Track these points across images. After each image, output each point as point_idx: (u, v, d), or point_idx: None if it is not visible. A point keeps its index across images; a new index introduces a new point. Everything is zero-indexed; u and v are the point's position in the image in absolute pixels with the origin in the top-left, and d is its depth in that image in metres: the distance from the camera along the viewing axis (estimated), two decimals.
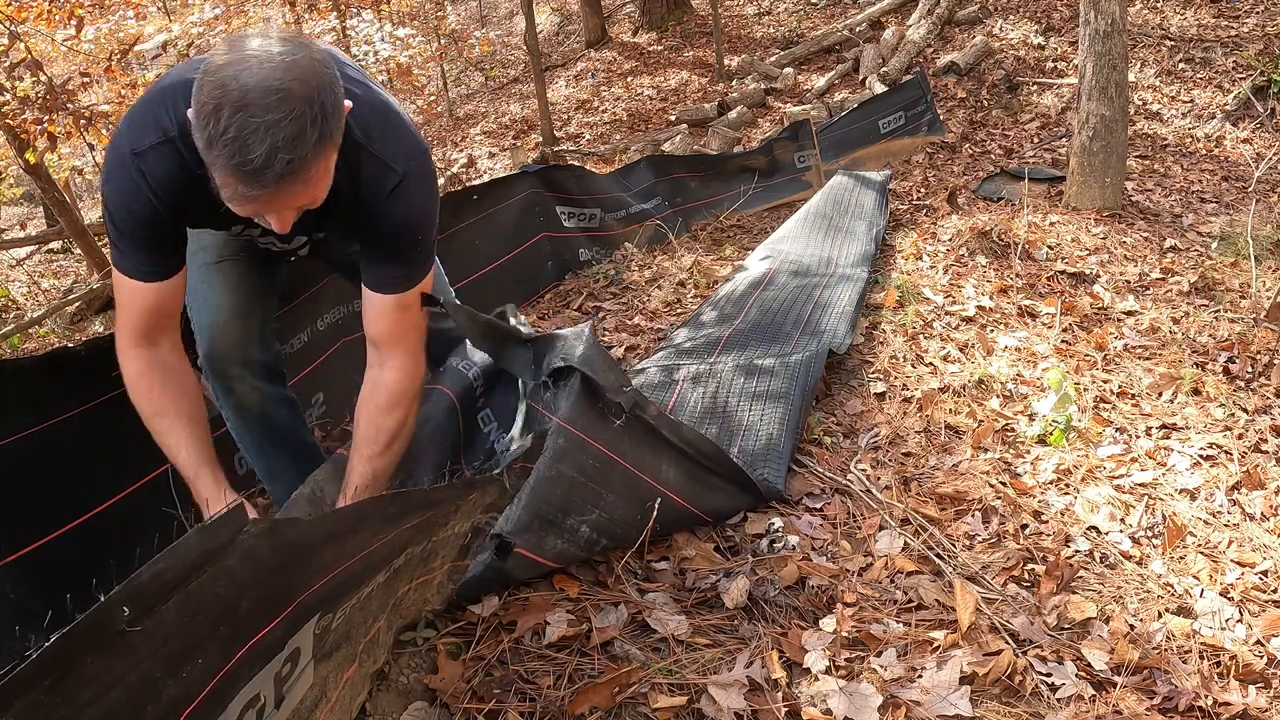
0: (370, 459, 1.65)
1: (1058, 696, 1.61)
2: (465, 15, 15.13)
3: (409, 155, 1.50)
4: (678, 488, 1.94)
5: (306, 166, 1.21)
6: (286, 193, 1.23)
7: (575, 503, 1.68)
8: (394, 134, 1.49)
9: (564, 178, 4.54)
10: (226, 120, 1.15)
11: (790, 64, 9.45)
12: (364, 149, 1.45)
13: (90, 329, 5.99)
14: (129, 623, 0.62)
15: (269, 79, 1.16)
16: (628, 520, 1.83)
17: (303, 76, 1.19)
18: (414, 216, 1.54)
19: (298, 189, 1.24)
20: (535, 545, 1.65)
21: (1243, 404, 2.77)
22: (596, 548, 1.79)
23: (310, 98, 1.18)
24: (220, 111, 1.15)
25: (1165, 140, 6.64)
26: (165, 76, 1.47)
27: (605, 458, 1.73)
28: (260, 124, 1.15)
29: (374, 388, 1.65)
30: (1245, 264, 3.89)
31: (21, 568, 1.80)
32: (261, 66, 1.17)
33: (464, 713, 1.47)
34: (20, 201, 12.17)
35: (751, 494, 2.16)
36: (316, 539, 0.91)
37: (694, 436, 1.97)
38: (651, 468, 1.86)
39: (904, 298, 3.48)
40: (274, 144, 1.16)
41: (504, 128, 10.24)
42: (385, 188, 1.48)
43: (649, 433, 1.84)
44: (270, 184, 1.19)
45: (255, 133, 1.15)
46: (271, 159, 1.16)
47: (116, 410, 2.05)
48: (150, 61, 8.65)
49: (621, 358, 3.27)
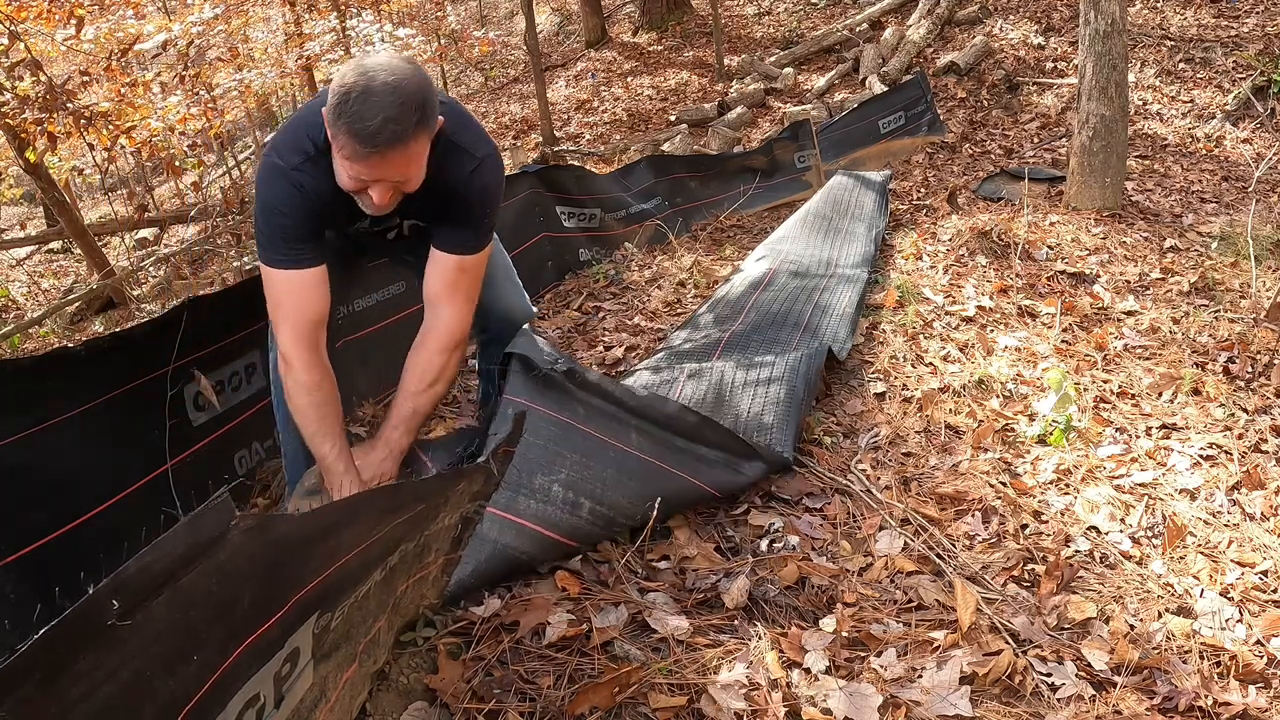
0: (415, 395, 1.91)
1: (1058, 696, 1.61)
2: (465, 15, 15.13)
3: (486, 145, 1.87)
4: (655, 454, 2.02)
5: (406, 138, 1.59)
6: (389, 159, 1.59)
7: (536, 462, 1.84)
8: (473, 130, 1.87)
9: (564, 178, 4.53)
10: (355, 100, 1.55)
11: (790, 64, 9.45)
12: (451, 141, 1.80)
13: (90, 329, 5.99)
14: (119, 617, 0.62)
15: (388, 77, 1.57)
16: (610, 481, 1.89)
17: (411, 79, 1.60)
18: (489, 192, 1.88)
19: (397, 156, 1.59)
20: (507, 505, 1.77)
21: (1243, 404, 2.77)
22: (583, 510, 1.84)
23: (415, 93, 1.59)
24: (350, 93, 1.56)
25: (1165, 140, 6.63)
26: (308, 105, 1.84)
27: (557, 420, 1.93)
28: (378, 102, 1.55)
29: (428, 334, 1.93)
30: (1245, 264, 3.88)
31: (22, 568, 1.79)
32: (382, 69, 1.59)
33: (464, 713, 1.46)
34: (20, 201, 12.18)
35: (756, 463, 2.16)
36: (309, 534, 0.90)
37: (653, 400, 2.13)
38: (616, 434, 2.01)
39: (904, 298, 3.47)
40: (386, 115, 1.55)
41: (504, 128, 10.24)
42: (467, 168, 1.82)
43: (604, 398, 2.04)
44: (381, 145, 1.56)
45: (373, 106, 1.54)
46: (384, 125, 1.55)
47: (117, 410, 2.05)
48: (150, 61, 8.65)
49: (621, 358, 3.27)
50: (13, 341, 4.93)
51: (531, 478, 1.82)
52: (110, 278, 5.90)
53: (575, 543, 1.85)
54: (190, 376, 2.21)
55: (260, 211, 1.78)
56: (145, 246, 8.65)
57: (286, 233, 1.77)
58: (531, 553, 1.78)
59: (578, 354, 3.36)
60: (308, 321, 1.80)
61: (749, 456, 2.16)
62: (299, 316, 1.80)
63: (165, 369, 2.16)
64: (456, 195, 1.84)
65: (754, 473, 2.16)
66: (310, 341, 1.81)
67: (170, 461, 2.16)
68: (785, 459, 2.22)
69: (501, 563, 1.75)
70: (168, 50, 6.24)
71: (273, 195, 1.76)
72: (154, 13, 8.88)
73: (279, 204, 1.75)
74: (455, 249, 1.90)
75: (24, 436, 1.85)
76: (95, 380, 2.02)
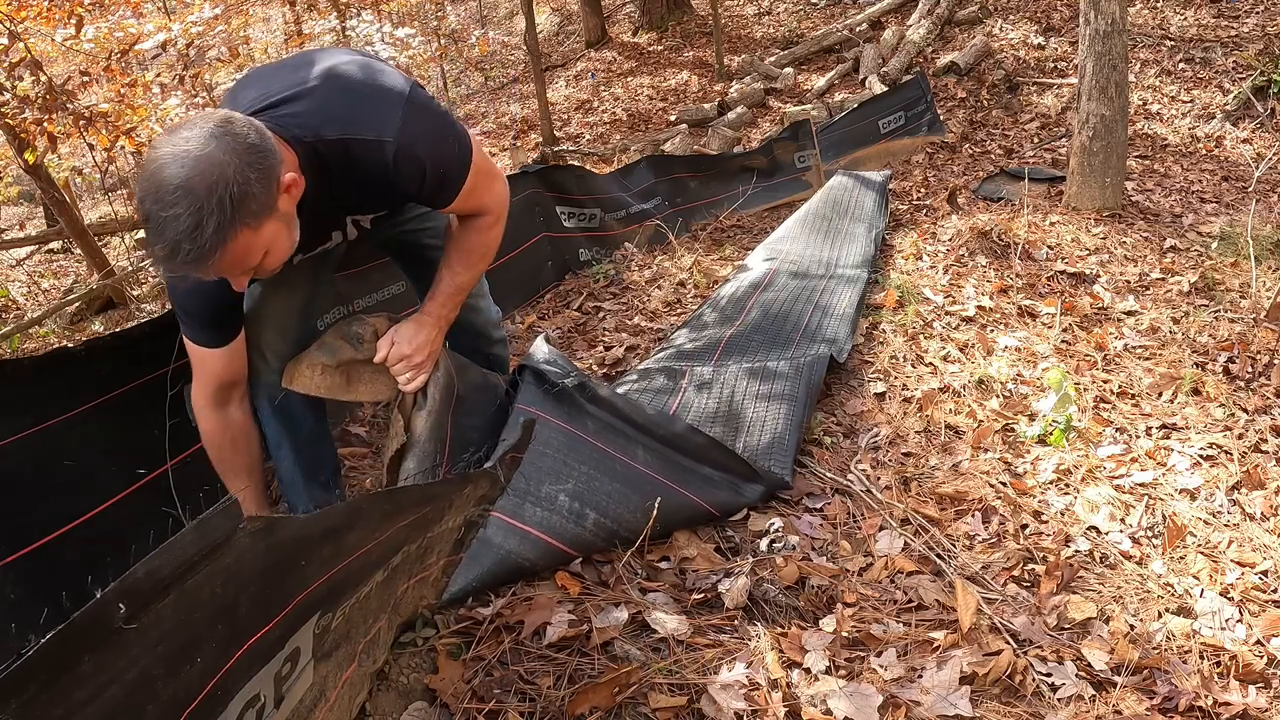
0: (457, 273, 1.81)
1: (1058, 696, 1.61)
2: (465, 15, 15.12)
3: (389, 118, 1.50)
4: (660, 470, 2.03)
5: (211, 252, 1.29)
6: (210, 268, 1.33)
7: (545, 471, 1.86)
8: (367, 107, 1.51)
9: (564, 178, 4.53)
10: (146, 210, 1.28)
11: (790, 64, 9.45)
12: (348, 140, 1.49)
13: (90, 329, 5.99)
14: (125, 620, 0.62)
15: (174, 176, 1.26)
16: (615, 495, 1.90)
17: (205, 170, 1.27)
18: (430, 165, 1.56)
19: (218, 262, 1.32)
20: (513, 511, 1.79)
21: (1243, 404, 2.77)
22: (588, 521, 1.85)
23: (210, 189, 1.26)
24: (144, 203, 1.28)
25: (1165, 140, 6.63)
26: None
27: (566, 432, 1.95)
28: (166, 218, 1.26)
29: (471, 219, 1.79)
30: (1245, 264, 3.89)
31: (21, 568, 1.79)
32: (173, 161, 1.27)
33: (464, 713, 1.46)
34: (20, 201, 12.17)
35: (756, 485, 2.18)
36: (314, 536, 0.91)
37: (661, 419, 2.15)
38: (624, 449, 2.02)
39: (904, 298, 3.47)
40: (176, 236, 1.26)
41: (504, 128, 10.24)
42: (386, 157, 1.51)
43: (613, 414, 2.07)
44: (182, 268, 1.30)
45: (161, 225, 1.26)
46: (176, 249, 1.27)
47: (117, 410, 2.06)
48: (150, 61, 8.65)
49: (621, 358, 3.27)
50: (13, 341, 4.93)
51: (540, 486, 1.84)
52: (110, 278, 5.90)
53: (578, 552, 1.86)
54: (190, 376, 2.21)
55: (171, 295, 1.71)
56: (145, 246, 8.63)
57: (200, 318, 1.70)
58: (534, 560, 1.79)
59: (577, 354, 3.36)
60: (220, 385, 1.79)
61: (751, 479, 2.18)
62: (210, 381, 1.78)
63: (165, 369, 2.16)
64: (395, 187, 1.57)
65: (753, 495, 2.18)
66: (218, 400, 1.80)
67: (170, 461, 2.16)
68: (786, 481, 2.24)
69: (505, 568, 1.76)
70: (167, 50, 6.23)
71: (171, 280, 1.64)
72: (154, 12, 8.88)
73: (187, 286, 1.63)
74: (444, 207, 1.71)
75: (24, 437, 1.86)
76: (95, 380, 2.02)
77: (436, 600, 1.67)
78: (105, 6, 6.05)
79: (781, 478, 2.23)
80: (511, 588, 1.78)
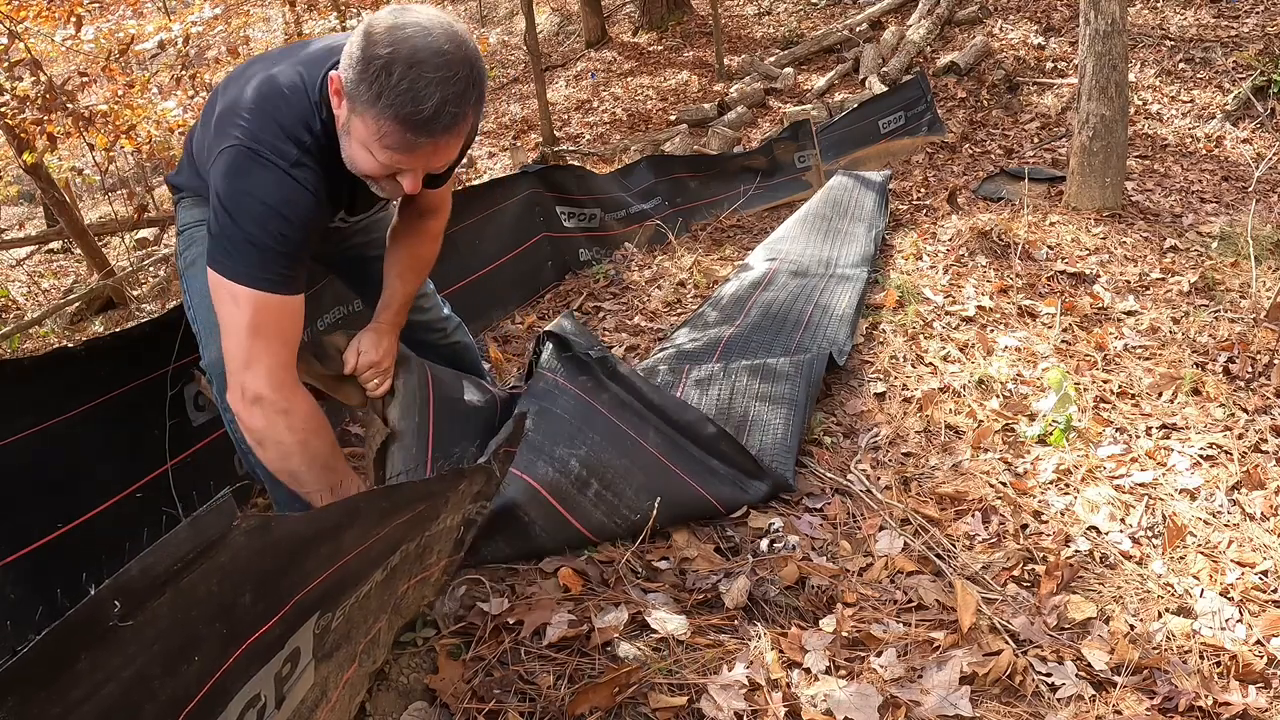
0: (409, 281, 1.84)
1: (1058, 696, 1.61)
2: (465, 15, 15.12)
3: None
4: (668, 455, 2.07)
5: (466, 120, 1.35)
6: (444, 144, 1.36)
7: (560, 434, 1.92)
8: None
9: (564, 178, 4.53)
10: (400, 75, 1.27)
11: (790, 64, 9.45)
12: None
13: (90, 329, 5.99)
14: (120, 618, 0.62)
15: (438, 43, 1.29)
16: (621, 470, 1.94)
17: (472, 50, 1.34)
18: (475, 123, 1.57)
19: (454, 141, 1.37)
20: (526, 467, 1.85)
21: (1243, 404, 2.77)
22: (590, 489, 1.89)
23: (471, 61, 1.32)
24: (392, 67, 1.27)
25: (1165, 140, 6.63)
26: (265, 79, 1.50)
27: (584, 401, 2.02)
28: (433, 79, 1.27)
29: (424, 224, 1.84)
30: (1245, 264, 3.88)
31: (22, 568, 1.79)
32: (442, 33, 1.30)
33: (464, 713, 1.46)
34: (20, 201, 12.18)
35: (761, 483, 2.18)
36: (310, 534, 0.90)
37: (675, 404, 2.19)
38: (636, 427, 2.08)
39: (904, 298, 3.47)
40: (444, 97, 1.29)
41: (504, 128, 10.24)
42: None
43: (631, 392, 2.13)
44: (438, 133, 1.32)
45: (428, 87, 1.27)
46: (441, 110, 1.29)
47: (116, 411, 2.05)
48: (150, 60, 8.65)
49: (621, 357, 3.27)
50: (13, 341, 4.93)
51: (554, 446, 1.90)
52: (110, 278, 5.90)
53: (575, 520, 1.88)
54: (190, 376, 2.21)
55: (248, 219, 1.43)
56: (145, 246, 8.65)
57: (287, 246, 1.45)
58: (533, 517, 1.83)
59: None
60: (292, 354, 1.52)
61: (756, 476, 2.19)
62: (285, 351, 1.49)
63: (165, 369, 2.16)
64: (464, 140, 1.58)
65: (757, 493, 2.18)
66: (294, 375, 1.53)
67: (170, 461, 2.16)
68: (789, 482, 2.25)
69: (503, 518, 1.80)
70: (167, 50, 6.23)
71: (273, 199, 1.43)
72: (154, 12, 8.88)
73: (283, 210, 1.43)
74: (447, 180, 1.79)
75: (24, 437, 1.85)
76: (95, 380, 2.01)
77: (436, 599, 1.67)
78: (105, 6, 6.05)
79: (785, 478, 2.23)
80: (514, 586, 1.78)
